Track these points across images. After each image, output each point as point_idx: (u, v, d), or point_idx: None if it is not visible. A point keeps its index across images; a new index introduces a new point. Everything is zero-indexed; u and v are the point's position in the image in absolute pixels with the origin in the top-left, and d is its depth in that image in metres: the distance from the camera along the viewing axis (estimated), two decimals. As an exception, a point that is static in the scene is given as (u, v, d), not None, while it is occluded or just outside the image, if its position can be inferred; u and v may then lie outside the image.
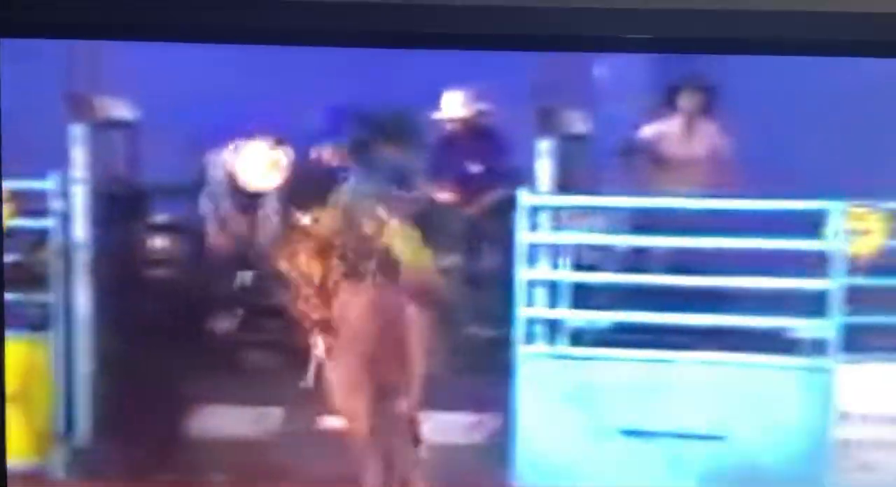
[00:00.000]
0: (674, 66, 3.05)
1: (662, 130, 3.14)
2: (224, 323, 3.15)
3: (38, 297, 3.11)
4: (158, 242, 3.18)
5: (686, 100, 3.11)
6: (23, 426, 3.13)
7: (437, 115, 3.01)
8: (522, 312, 3.14)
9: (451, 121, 3.02)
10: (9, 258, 3.07)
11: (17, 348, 3.07)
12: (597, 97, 3.05)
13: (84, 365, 3.14)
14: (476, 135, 3.03)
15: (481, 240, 3.11)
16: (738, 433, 3.11)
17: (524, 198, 3.09)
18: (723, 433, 3.11)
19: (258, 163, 3.08)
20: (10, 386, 3.04)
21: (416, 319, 3.12)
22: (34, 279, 3.11)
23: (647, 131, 3.13)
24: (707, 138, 3.13)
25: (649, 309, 3.16)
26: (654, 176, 3.18)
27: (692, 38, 2.81)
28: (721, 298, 3.10)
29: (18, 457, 3.11)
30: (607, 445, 3.15)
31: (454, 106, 3.00)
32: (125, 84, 3.06)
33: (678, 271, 3.14)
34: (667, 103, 3.12)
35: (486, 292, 3.14)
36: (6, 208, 3.07)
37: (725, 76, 3.03)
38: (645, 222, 3.14)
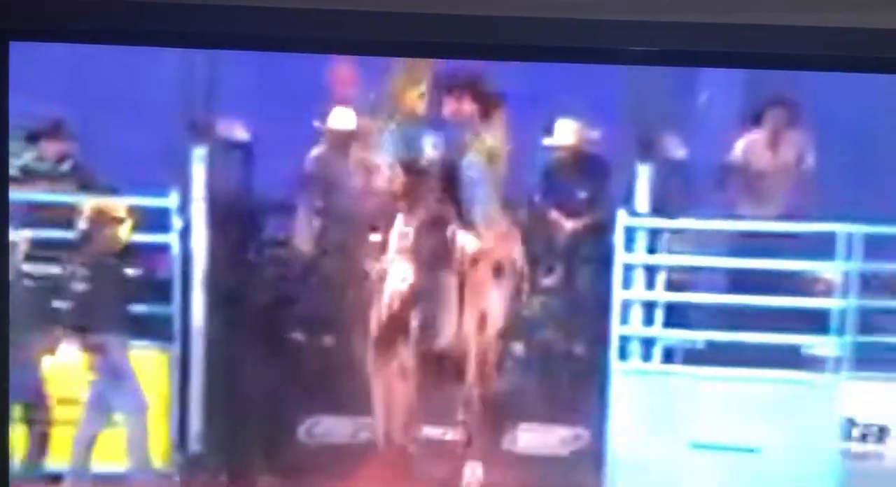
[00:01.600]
0: (758, 86, 3.19)
1: (749, 143, 3.27)
2: (330, 336, 3.29)
3: (160, 310, 3.27)
4: (271, 257, 3.32)
5: (771, 117, 3.23)
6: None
7: (547, 141, 3.16)
8: (617, 330, 3.28)
9: (562, 148, 3.17)
10: (131, 271, 3.25)
11: (146, 359, 3.25)
12: (691, 122, 3.19)
13: (199, 374, 3.30)
14: (581, 161, 3.17)
15: (582, 260, 3.25)
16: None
17: (622, 219, 3.23)
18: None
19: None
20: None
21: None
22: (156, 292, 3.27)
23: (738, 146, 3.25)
24: (791, 149, 3.25)
25: (737, 328, 3.28)
26: (745, 189, 3.30)
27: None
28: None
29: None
30: (695, 458, 3.28)
31: (565, 133, 3.15)
32: (240, 104, 3.22)
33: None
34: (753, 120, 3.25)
35: (584, 310, 3.28)
36: (128, 223, 3.24)
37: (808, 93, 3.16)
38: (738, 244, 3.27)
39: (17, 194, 3.16)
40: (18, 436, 3.26)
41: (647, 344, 3.32)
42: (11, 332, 3.14)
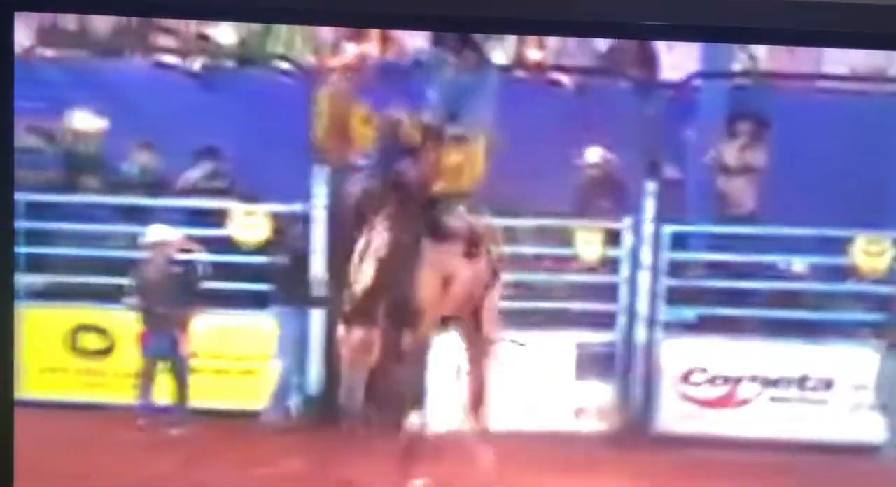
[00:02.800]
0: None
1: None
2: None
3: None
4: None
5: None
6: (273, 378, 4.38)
7: (580, 161, 4.28)
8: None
9: (591, 166, 4.29)
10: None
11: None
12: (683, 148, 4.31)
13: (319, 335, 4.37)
14: (604, 178, 4.29)
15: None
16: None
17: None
18: None
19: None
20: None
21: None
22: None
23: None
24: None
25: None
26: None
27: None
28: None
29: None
30: None
31: (593, 156, 4.27)
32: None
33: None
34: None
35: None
36: (269, 225, 4.34)
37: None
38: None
39: (182, 202, 4.31)
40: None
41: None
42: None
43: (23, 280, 4.32)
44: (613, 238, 4.38)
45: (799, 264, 4.34)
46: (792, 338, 4.39)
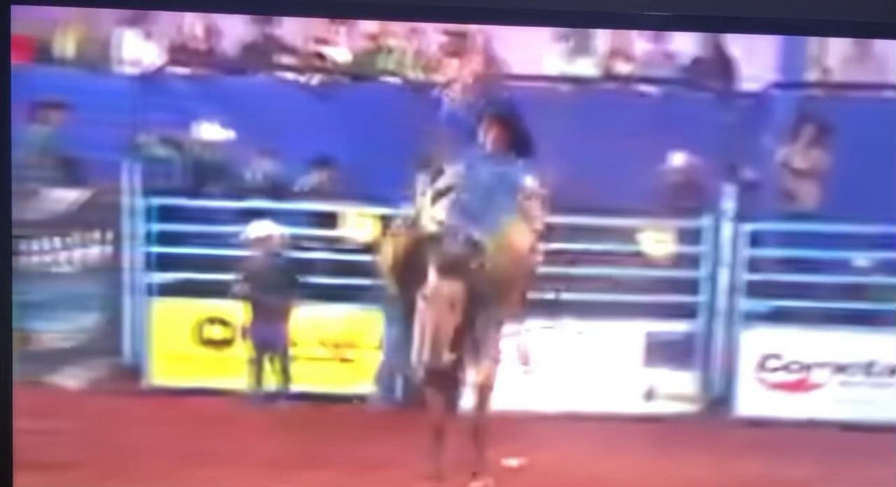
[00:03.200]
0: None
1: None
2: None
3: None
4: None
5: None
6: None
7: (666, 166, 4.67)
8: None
9: (676, 171, 4.68)
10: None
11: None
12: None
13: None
14: (687, 181, 4.69)
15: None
16: None
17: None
18: None
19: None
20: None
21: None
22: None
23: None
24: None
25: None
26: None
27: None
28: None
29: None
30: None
31: (678, 161, 4.67)
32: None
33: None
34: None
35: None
36: (374, 226, 4.75)
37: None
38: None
39: (297, 205, 4.76)
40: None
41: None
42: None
43: (155, 277, 4.81)
44: (693, 236, 4.77)
45: (862, 259, 4.71)
46: (859, 328, 4.75)
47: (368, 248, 4.78)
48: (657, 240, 4.80)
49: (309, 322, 4.83)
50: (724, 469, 4.52)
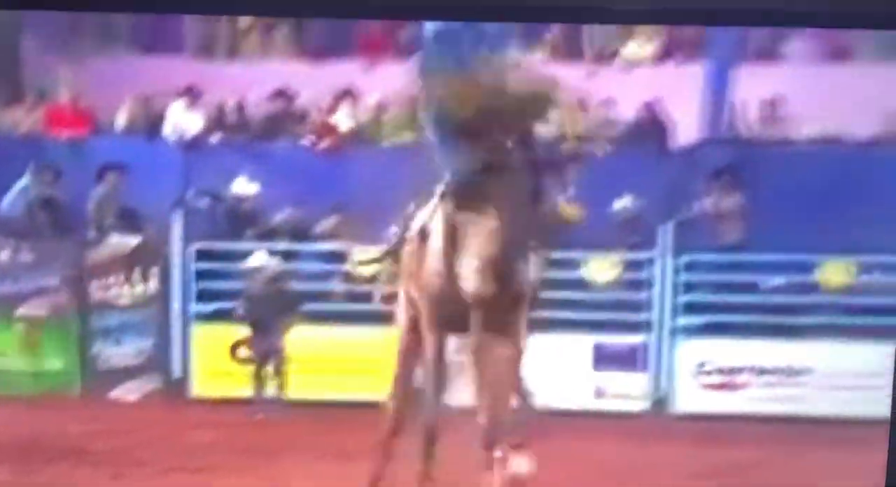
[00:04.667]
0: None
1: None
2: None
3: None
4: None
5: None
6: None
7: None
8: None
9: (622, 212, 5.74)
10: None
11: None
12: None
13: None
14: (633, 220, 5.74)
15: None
16: None
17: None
18: None
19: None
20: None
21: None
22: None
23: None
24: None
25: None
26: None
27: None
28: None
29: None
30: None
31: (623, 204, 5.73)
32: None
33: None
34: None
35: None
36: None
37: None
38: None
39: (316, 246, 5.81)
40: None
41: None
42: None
43: (197, 307, 5.86)
44: (639, 265, 5.82)
45: (777, 281, 5.78)
46: (777, 338, 5.79)
47: (370, 279, 5.82)
48: (603, 269, 5.81)
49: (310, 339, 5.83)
50: (666, 455, 5.51)
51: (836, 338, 5.72)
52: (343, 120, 5.91)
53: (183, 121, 5.86)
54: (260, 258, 5.75)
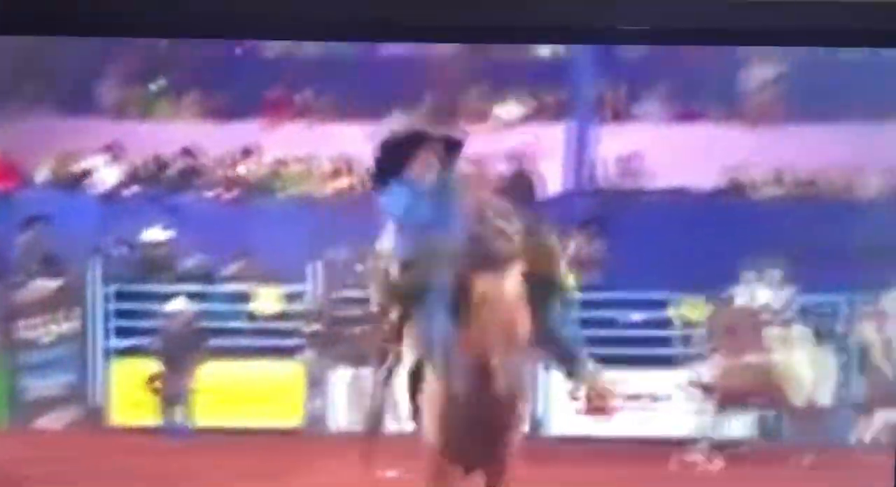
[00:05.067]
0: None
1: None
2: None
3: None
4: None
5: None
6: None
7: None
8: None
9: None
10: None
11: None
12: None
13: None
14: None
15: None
16: None
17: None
18: None
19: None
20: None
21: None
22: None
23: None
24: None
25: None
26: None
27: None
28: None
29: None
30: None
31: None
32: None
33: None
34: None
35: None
36: (280, 301, 6.41)
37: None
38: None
39: (223, 288, 6.42)
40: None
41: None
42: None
43: (114, 343, 6.45)
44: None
45: (637, 316, 6.46)
46: (642, 367, 6.45)
47: (274, 317, 6.45)
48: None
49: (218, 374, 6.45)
50: (540, 474, 6.12)
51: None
52: (245, 174, 6.57)
53: (102, 175, 6.48)
54: (179, 303, 6.39)
